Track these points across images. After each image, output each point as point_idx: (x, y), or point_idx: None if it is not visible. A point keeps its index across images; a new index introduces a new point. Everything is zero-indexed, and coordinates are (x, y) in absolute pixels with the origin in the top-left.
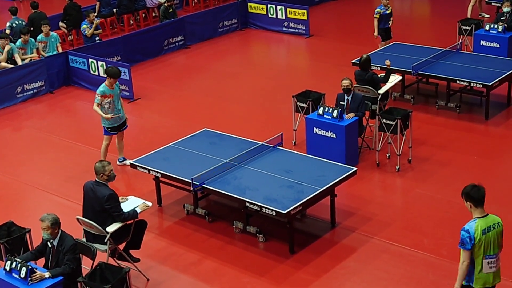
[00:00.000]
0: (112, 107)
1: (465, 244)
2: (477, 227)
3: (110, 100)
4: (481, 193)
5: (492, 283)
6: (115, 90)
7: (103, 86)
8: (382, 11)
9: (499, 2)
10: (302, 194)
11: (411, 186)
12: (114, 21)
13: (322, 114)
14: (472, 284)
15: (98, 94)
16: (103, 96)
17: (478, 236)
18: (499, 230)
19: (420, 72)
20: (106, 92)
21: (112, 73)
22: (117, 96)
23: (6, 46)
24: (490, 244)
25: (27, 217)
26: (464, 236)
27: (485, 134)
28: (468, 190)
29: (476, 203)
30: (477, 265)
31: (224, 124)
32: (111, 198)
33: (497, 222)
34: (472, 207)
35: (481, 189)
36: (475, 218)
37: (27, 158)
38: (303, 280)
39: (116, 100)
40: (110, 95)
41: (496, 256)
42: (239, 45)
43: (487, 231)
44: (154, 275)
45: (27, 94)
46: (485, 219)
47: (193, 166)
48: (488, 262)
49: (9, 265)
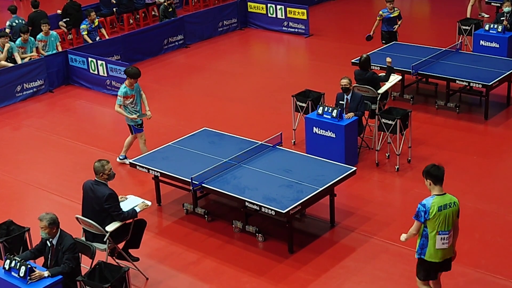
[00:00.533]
0: (135, 105)
1: (419, 217)
2: (434, 203)
3: (132, 100)
4: (441, 171)
5: (443, 257)
6: (135, 90)
7: (124, 87)
8: (385, 14)
9: (499, 2)
10: (301, 194)
11: (411, 185)
12: (114, 20)
13: (321, 114)
14: (423, 257)
15: (120, 95)
16: (125, 97)
17: (433, 212)
18: (455, 209)
19: (420, 72)
20: (128, 92)
21: (132, 74)
22: (138, 96)
23: (6, 44)
24: (444, 221)
25: (27, 216)
26: (420, 210)
27: (484, 134)
28: (429, 168)
29: (435, 180)
30: (431, 240)
31: (223, 123)
32: (111, 198)
33: (454, 201)
34: (431, 185)
35: (440, 168)
36: (433, 195)
37: (26, 157)
38: (302, 280)
39: (137, 98)
40: (132, 95)
41: (449, 233)
42: (238, 45)
43: (443, 209)
44: (153, 274)
45: (26, 93)
46: (443, 197)
47: (192, 166)
48: (441, 238)
49: (8, 264)
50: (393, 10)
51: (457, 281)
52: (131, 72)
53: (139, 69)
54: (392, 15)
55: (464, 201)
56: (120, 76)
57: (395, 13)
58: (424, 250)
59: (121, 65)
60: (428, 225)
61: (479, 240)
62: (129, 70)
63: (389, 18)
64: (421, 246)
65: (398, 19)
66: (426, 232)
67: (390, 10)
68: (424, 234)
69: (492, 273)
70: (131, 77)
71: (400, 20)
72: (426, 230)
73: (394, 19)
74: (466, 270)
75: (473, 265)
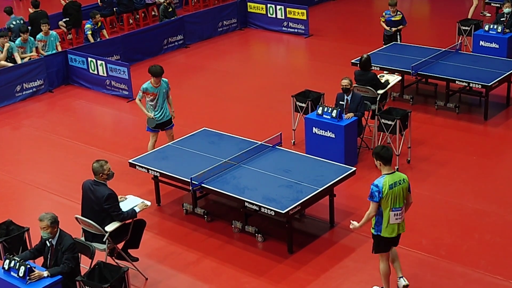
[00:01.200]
0: (155, 104)
1: (374, 197)
2: (385, 182)
3: (152, 98)
4: (390, 152)
5: (397, 232)
6: (160, 89)
7: (147, 83)
8: (387, 16)
9: (499, 2)
10: (301, 194)
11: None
12: (114, 20)
13: (321, 114)
14: (380, 233)
15: (140, 90)
16: (145, 93)
17: (386, 190)
18: (405, 186)
19: (420, 72)
20: (148, 89)
21: (152, 72)
22: (162, 95)
23: (5, 44)
24: (396, 197)
25: (26, 216)
26: (373, 190)
27: (484, 135)
28: (379, 150)
29: (385, 161)
30: (385, 216)
31: (223, 123)
32: (110, 198)
33: (403, 178)
34: (382, 165)
35: (389, 150)
36: (383, 174)
37: (26, 156)
38: (301, 280)
39: (160, 99)
40: (152, 93)
41: (401, 209)
42: (238, 45)
43: (394, 186)
44: (152, 274)
45: (26, 93)
46: (392, 176)
47: (192, 166)
48: (395, 214)
49: (8, 264)
50: (396, 13)
51: (457, 281)
52: (151, 70)
53: (161, 67)
54: (393, 18)
55: (464, 201)
56: (120, 76)
57: (397, 17)
58: (380, 227)
59: (121, 65)
60: (381, 203)
61: (479, 240)
62: (151, 68)
63: (390, 21)
64: (376, 223)
65: (401, 24)
66: (380, 210)
67: (393, 14)
68: (378, 212)
69: (491, 274)
70: (152, 75)
71: (404, 25)
72: (380, 208)
73: (396, 22)
74: (466, 270)
75: (472, 265)
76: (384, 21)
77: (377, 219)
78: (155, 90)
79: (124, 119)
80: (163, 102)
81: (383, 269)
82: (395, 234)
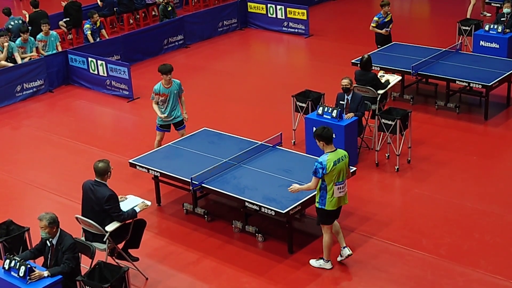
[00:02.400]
0: (166, 105)
1: (317, 173)
2: (329, 159)
3: (164, 99)
4: (330, 132)
5: (340, 204)
6: (171, 90)
7: (159, 84)
8: (380, 20)
9: (499, 2)
10: (301, 194)
11: (410, 186)
12: (114, 20)
13: (321, 114)
14: (324, 207)
15: (153, 92)
16: (157, 94)
17: (330, 167)
18: (346, 161)
19: (420, 72)
20: (160, 90)
21: (160, 69)
22: (174, 95)
23: (5, 44)
24: (339, 173)
25: (26, 216)
26: (318, 167)
27: (484, 135)
28: (320, 132)
29: (327, 141)
30: (329, 190)
31: (223, 123)
32: (111, 199)
33: (344, 155)
34: (324, 145)
35: (330, 129)
36: (327, 152)
37: (26, 156)
38: (301, 280)
39: (171, 99)
40: (163, 94)
41: (343, 182)
42: (238, 45)
43: (337, 162)
44: (153, 274)
45: (26, 93)
46: (335, 153)
47: (192, 166)
48: (338, 187)
49: (8, 264)
50: (387, 14)
51: (456, 281)
52: (159, 68)
53: (170, 65)
54: (386, 19)
55: (464, 201)
56: (120, 76)
57: (388, 18)
58: (324, 201)
59: (121, 65)
60: (325, 178)
61: (479, 240)
62: (159, 66)
63: (383, 23)
64: (321, 197)
65: (391, 22)
66: (324, 185)
67: (384, 15)
68: (322, 187)
69: (491, 273)
70: (160, 72)
71: (391, 23)
72: (324, 183)
73: (387, 23)
74: (466, 270)
75: (472, 265)
76: (376, 26)
77: (321, 194)
78: (166, 91)
79: (124, 119)
80: (174, 104)
81: (327, 240)
82: (337, 207)
